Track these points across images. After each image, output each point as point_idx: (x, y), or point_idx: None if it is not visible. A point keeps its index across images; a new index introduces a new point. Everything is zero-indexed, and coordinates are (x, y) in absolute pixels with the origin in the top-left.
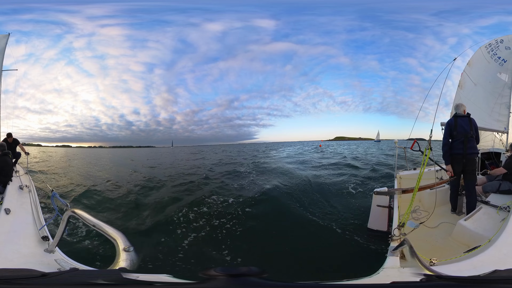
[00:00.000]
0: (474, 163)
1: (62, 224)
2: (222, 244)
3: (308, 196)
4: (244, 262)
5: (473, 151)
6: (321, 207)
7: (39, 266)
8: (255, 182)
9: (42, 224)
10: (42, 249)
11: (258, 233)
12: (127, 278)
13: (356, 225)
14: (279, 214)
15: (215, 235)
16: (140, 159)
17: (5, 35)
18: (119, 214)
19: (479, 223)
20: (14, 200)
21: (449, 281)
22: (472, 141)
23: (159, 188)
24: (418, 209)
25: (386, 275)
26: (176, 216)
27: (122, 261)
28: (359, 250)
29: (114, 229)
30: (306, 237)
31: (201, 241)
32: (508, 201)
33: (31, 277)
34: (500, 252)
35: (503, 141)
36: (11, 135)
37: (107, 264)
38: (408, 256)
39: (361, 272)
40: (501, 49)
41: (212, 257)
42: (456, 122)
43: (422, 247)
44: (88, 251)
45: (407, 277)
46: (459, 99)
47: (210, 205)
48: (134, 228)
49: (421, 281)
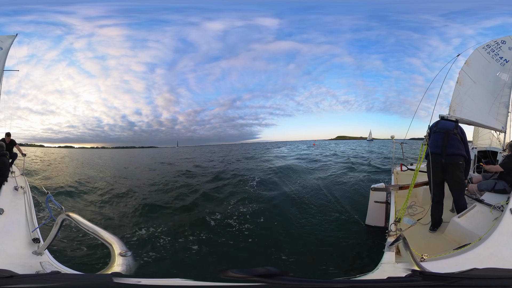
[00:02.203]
0: (457, 168)
1: (55, 227)
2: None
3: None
4: (243, 262)
5: (456, 151)
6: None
7: (19, 267)
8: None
9: (35, 226)
10: (30, 251)
11: (253, 230)
12: (118, 282)
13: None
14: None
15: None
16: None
17: (11, 35)
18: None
19: (472, 221)
20: (8, 201)
21: (428, 277)
22: (455, 139)
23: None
24: (414, 205)
25: (383, 271)
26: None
27: (117, 266)
28: (358, 247)
29: (110, 233)
30: (302, 234)
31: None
32: (502, 200)
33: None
34: (487, 251)
35: (500, 140)
36: (9, 134)
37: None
38: (402, 251)
39: (362, 268)
40: (504, 50)
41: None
42: (439, 122)
43: (417, 242)
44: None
45: (399, 272)
46: (458, 95)
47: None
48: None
49: (405, 276)
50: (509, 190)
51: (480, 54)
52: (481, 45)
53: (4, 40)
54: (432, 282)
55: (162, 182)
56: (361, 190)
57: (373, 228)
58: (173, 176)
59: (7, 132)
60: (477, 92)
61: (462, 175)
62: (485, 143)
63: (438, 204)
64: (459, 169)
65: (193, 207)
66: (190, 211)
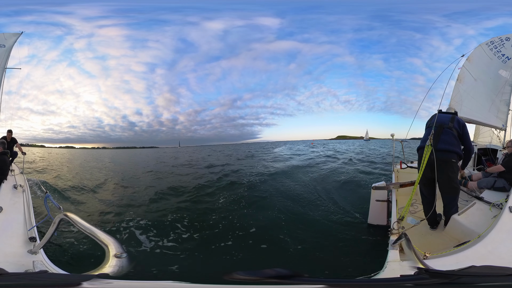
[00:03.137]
0: (448, 167)
1: (52, 226)
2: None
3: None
4: (244, 261)
5: (448, 147)
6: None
7: (11, 266)
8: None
9: (33, 225)
10: (26, 249)
11: (253, 231)
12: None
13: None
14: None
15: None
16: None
17: (16, 33)
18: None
19: (471, 219)
20: (7, 199)
21: (434, 275)
22: (449, 133)
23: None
24: (415, 203)
25: (392, 269)
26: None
27: (109, 267)
28: (360, 246)
29: (107, 234)
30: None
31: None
32: (501, 198)
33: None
34: (485, 248)
35: (500, 138)
36: (11, 132)
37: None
38: (406, 250)
39: (367, 266)
40: (507, 47)
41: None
42: (435, 116)
43: (418, 240)
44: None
45: (406, 270)
46: (458, 93)
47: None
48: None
49: (414, 274)
50: (509, 188)
51: (482, 50)
52: (485, 41)
53: (8, 38)
54: (439, 279)
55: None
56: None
57: (375, 227)
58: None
59: (9, 129)
60: (478, 90)
61: (455, 177)
62: (485, 141)
63: (429, 205)
64: (451, 169)
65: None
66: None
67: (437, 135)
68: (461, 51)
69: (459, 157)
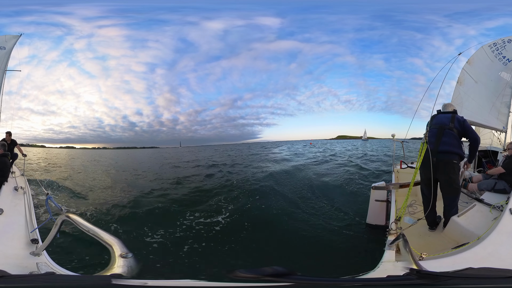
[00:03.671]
0: (449, 168)
1: (54, 228)
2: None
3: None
4: (243, 261)
5: (450, 148)
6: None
7: (14, 268)
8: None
9: (34, 227)
10: (28, 251)
11: (254, 231)
12: (117, 284)
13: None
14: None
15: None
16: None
17: (15, 35)
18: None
19: (471, 220)
20: (8, 201)
21: (423, 276)
22: (450, 134)
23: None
24: (414, 204)
25: (384, 269)
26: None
27: (118, 267)
28: (359, 246)
29: (111, 235)
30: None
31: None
32: (501, 200)
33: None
34: (484, 250)
35: (501, 140)
36: (10, 134)
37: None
38: (402, 250)
39: (363, 267)
40: (508, 49)
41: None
42: (435, 116)
43: (417, 241)
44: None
45: (398, 271)
46: (458, 95)
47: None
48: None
49: (403, 275)
50: (509, 190)
51: (484, 52)
52: (487, 43)
53: (8, 40)
54: (426, 280)
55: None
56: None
57: (374, 227)
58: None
59: (8, 131)
60: (478, 92)
61: (456, 178)
62: (485, 143)
63: (428, 205)
64: (452, 170)
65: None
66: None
67: (438, 137)
68: (462, 51)
69: (460, 158)
